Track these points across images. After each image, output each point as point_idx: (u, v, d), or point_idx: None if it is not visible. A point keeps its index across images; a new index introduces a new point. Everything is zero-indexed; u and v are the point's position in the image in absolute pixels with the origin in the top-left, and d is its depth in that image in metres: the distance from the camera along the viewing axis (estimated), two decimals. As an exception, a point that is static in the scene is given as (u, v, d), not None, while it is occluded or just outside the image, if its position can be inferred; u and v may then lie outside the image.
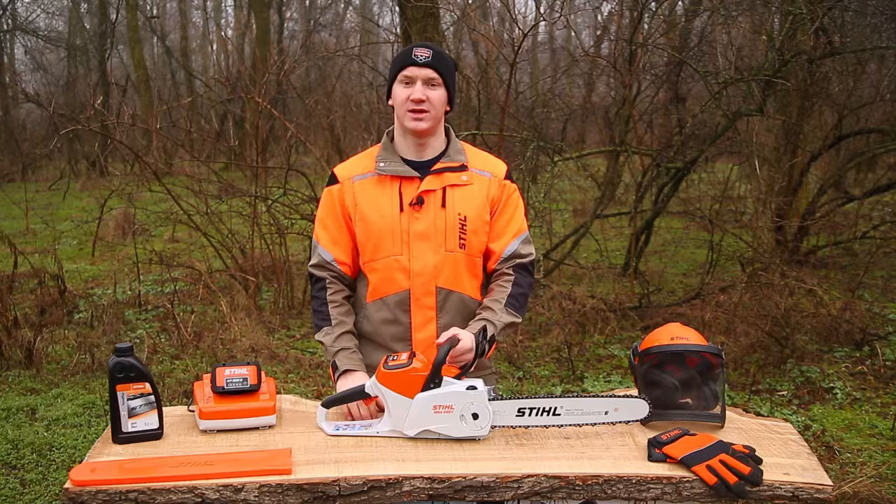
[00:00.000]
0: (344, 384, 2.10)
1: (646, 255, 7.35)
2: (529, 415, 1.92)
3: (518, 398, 1.92)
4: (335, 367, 2.15)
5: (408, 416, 1.89)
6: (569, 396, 1.93)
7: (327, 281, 2.24)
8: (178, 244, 8.14)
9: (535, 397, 1.92)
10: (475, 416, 1.87)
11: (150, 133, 8.02)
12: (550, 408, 1.92)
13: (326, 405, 1.99)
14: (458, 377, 1.95)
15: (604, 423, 1.96)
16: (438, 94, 2.12)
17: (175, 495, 1.68)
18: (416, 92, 2.10)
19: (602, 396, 1.99)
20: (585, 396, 1.95)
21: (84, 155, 15.67)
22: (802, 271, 6.22)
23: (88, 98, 9.15)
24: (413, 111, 2.11)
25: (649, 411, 1.96)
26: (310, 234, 6.37)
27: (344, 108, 10.56)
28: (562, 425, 1.94)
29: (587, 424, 1.95)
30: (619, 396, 1.98)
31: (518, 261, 2.24)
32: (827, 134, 7.50)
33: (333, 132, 10.03)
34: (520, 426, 1.94)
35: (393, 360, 1.93)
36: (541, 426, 1.93)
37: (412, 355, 1.93)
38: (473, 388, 1.89)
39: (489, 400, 1.89)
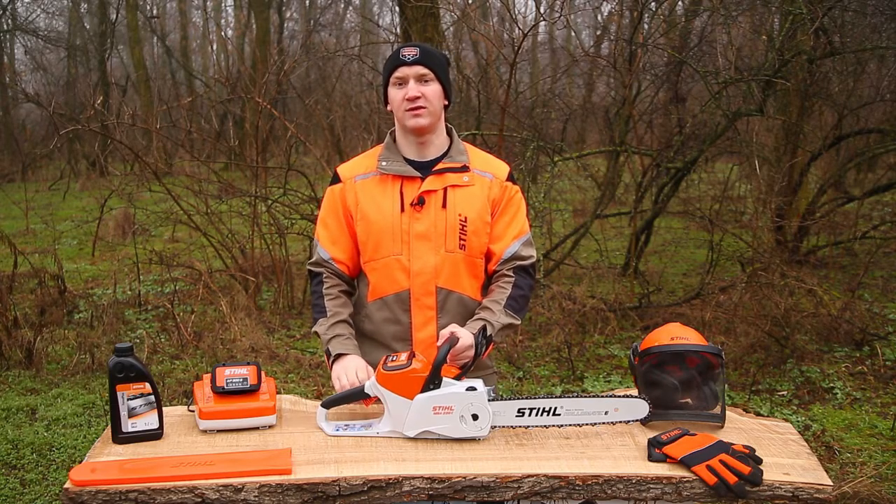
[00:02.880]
0: (338, 368, 2.11)
1: (646, 255, 7.35)
2: (529, 415, 1.92)
3: (518, 398, 1.92)
4: (329, 354, 2.17)
5: (407, 417, 1.88)
6: (569, 396, 1.93)
7: (324, 275, 2.26)
8: (178, 244, 8.14)
9: (535, 397, 1.92)
10: (475, 417, 1.87)
11: (150, 133, 8.02)
12: (550, 408, 1.92)
13: (326, 405, 1.99)
14: (458, 377, 1.95)
15: (604, 423, 1.96)
16: (432, 89, 2.13)
17: (175, 495, 1.68)
18: (411, 90, 2.11)
19: (602, 396, 1.98)
20: (585, 396, 1.94)
21: (84, 155, 15.68)
22: (802, 271, 6.21)
23: (88, 98, 9.17)
24: (410, 110, 2.12)
25: (649, 411, 1.96)
26: (310, 234, 6.38)
27: (344, 108, 10.56)
28: (562, 425, 1.93)
29: (587, 424, 1.95)
30: (619, 396, 1.98)
31: (519, 263, 2.23)
32: (827, 134, 7.50)
33: (333, 132, 10.03)
34: (520, 426, 1.94)
35: (392, 360, 1.93)
36: (541, 426, 1.93)
37: (412, 356, 1.92)
38: (473, 388, 1.89)
39: (489, 400, 1.89)
